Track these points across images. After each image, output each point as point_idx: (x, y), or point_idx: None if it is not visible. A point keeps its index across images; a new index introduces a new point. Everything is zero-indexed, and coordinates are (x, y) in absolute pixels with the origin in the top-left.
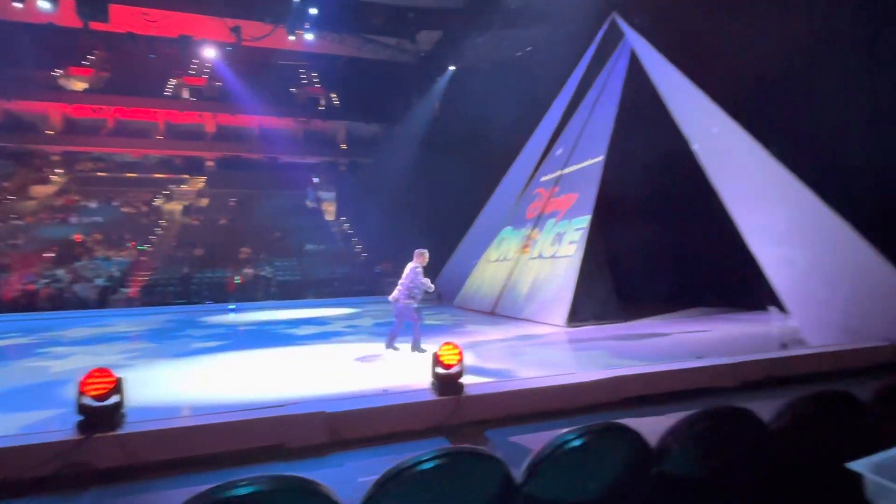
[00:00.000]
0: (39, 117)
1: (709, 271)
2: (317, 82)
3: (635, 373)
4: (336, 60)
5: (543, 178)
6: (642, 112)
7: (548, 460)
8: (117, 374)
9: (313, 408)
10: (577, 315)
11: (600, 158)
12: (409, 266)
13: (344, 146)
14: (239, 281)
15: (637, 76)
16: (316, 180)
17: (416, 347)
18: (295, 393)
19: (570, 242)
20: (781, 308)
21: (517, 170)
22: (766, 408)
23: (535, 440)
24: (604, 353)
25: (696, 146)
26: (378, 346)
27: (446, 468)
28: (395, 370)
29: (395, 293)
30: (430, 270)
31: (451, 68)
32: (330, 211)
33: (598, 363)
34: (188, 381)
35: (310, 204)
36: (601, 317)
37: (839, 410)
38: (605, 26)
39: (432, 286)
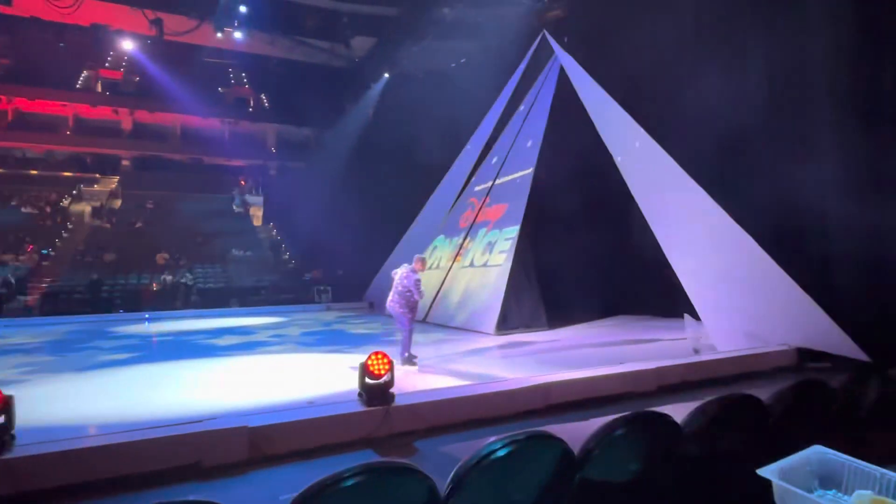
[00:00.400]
0: None
1: (632, 280)
2: (246, 83)
3: (562, 379)
4: (267, 61)
5: (477, 188)
6: (570, 127)
7: (473, 471)
8: (8, 391)
9: (233, 423)
10: (507, 323)
11: (530, 170)
12: (404, 270)
13: (273, 150)
14: (155, 288)
15: (565, 92)
16: (243, 184)
17: (407, 358)
18: (214, 407)
19: (501, 252)
20: (695, 316)
21: (451, 179)
22: (683, 410)
23: (466, 450)
24: (532, 360)
25: (618, 159)
26: (306, 357)
27: (369, 484)
28: (322, 381)
29: (391, 302)
30: (362, 278)
31: (386, 75)
32: (257, 216)
33: (527, 370)
34: (93, 397)
35: (236, 208)
36: (529, 325)
37: (744, 412)
38: (535, 43)
39: (420, 295)
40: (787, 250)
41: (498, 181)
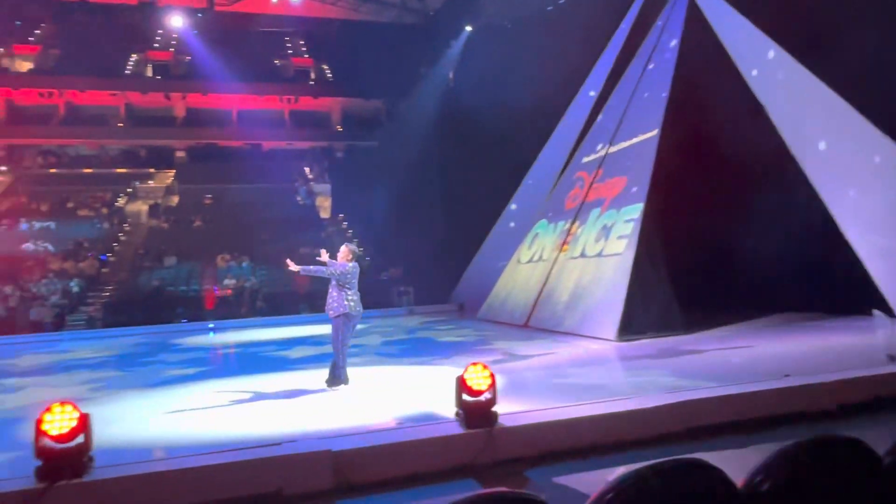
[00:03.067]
0: None
1: (795, 268)
2: (305, 52)
3: (708, 396)
4: (328, 25)
5: (585, 160)
6: (705, 74)
7: None
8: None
9: (316, 446)
10: (631, 327)
11: (654, 133)
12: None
13: (339, 128)
14: (218, 294)
15: (697, 30)
16: (308, 172)
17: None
18: (292, 428)
19: (620, 237)
20: (889, 311)
21: (552, 150)
22: (877, 437)
23: (587, 482)
24: (666, 372)
25: (772, 113)
26: (389, 370)
27: None
28: (412, 399)
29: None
30: (449, 275)
31: (468, 29)
32: (325, 207)
33: (661, 385)
34: (163, 415)
35: (301, 201)
36: (660, 328)
37: None
38: None
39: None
40: None
41: (612, 149)
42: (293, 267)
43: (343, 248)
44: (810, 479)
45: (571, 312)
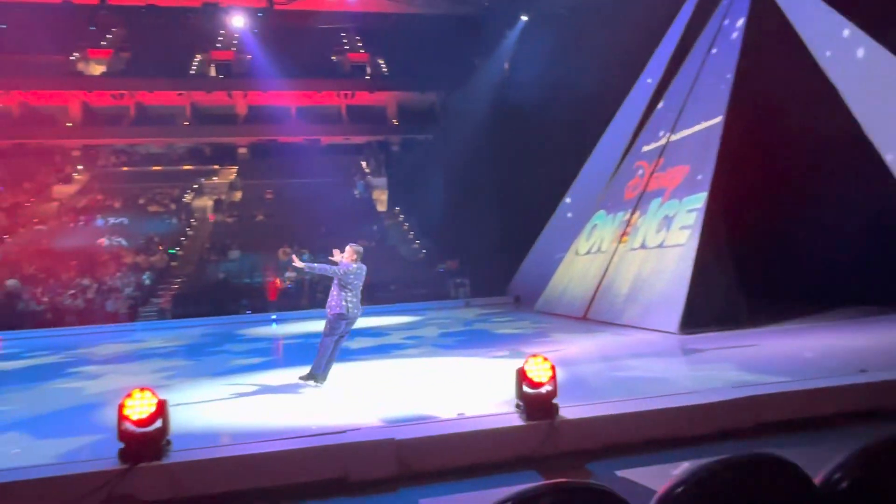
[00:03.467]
0: (59, 109)
1: (871, 259)
2: (361, 47)
3: (776, 391)
4: (383, 19)
5: (645, 149)
6: (773, 57)
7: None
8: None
9: (379, 434)
10: (694, 319)
11: (718, 119)
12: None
13: (395, 122)
14: (280, 286)
15: (764, 11)
16: (364, 164)
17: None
18: (355, 417)
19: (682, 227)
20: None
21: (610, 139)
22: None
23: (651, 475)
24: (731, 366)
25: (847, 96)
26: (447, 361)
27: None
28: (472, 390)
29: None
30: (505, 268)
31: (523, 18)
32: (381, 200)
33: (726, 380)
34: (231, 403)
35: (358, 194)
36: (725, 321)
37: None
38: None
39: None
40: None
41: (674, 137)
42: (298, 264)
43: (348, 249)
44: (892, 479)
45: (632, 304)
